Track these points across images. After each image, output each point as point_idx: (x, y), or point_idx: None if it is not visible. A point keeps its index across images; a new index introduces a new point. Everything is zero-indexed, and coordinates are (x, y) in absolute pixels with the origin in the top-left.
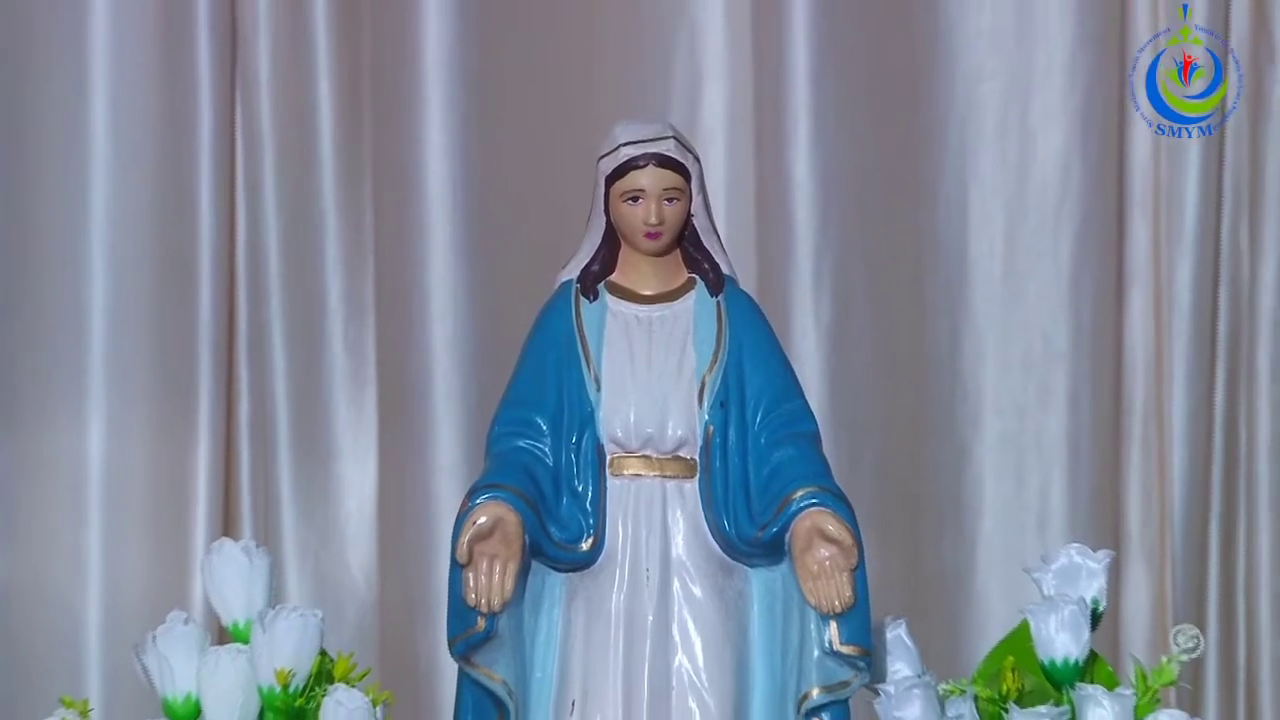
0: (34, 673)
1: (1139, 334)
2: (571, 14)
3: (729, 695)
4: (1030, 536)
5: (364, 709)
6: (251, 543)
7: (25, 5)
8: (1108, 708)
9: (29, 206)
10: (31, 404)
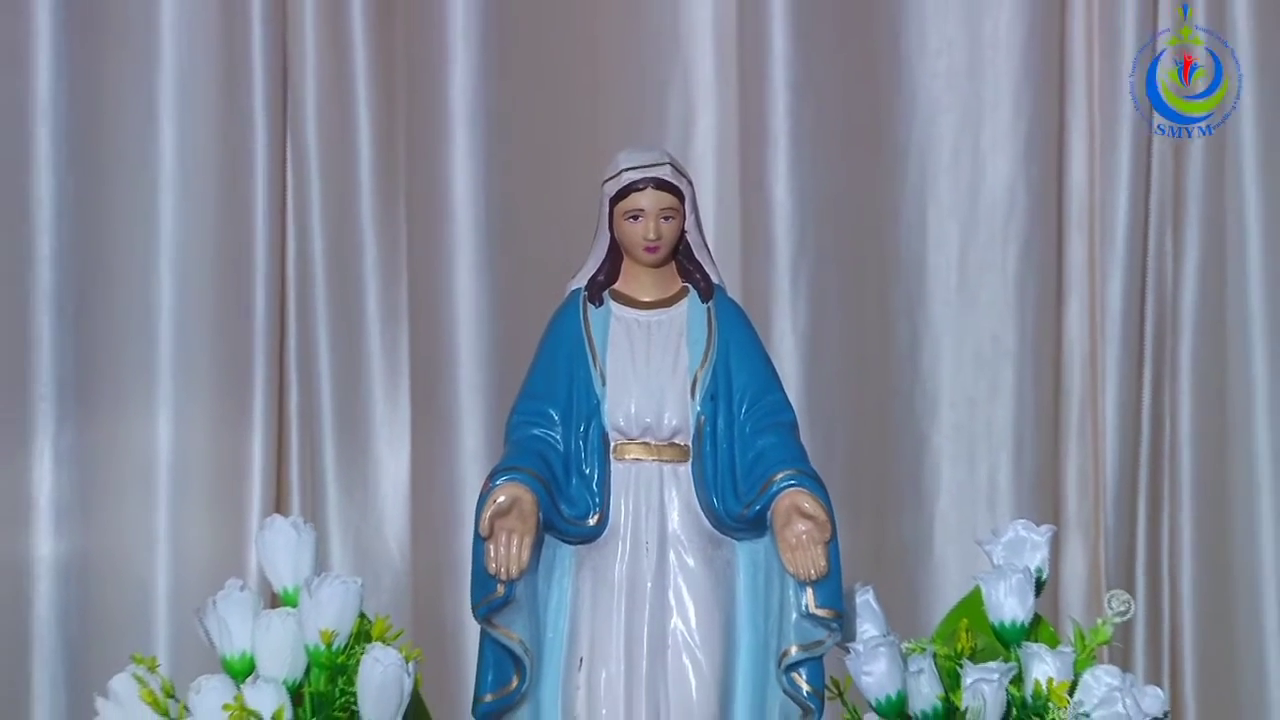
0: (109, 634)
1: (1076, 336)
2: (579, 56)
3: (718, 653)
4: (981, 514)
5: (398, 665)
6: (299, 519)
7: (102, 50)
8: (1050, 663)
9: (107, 225)
10: (107, 398)
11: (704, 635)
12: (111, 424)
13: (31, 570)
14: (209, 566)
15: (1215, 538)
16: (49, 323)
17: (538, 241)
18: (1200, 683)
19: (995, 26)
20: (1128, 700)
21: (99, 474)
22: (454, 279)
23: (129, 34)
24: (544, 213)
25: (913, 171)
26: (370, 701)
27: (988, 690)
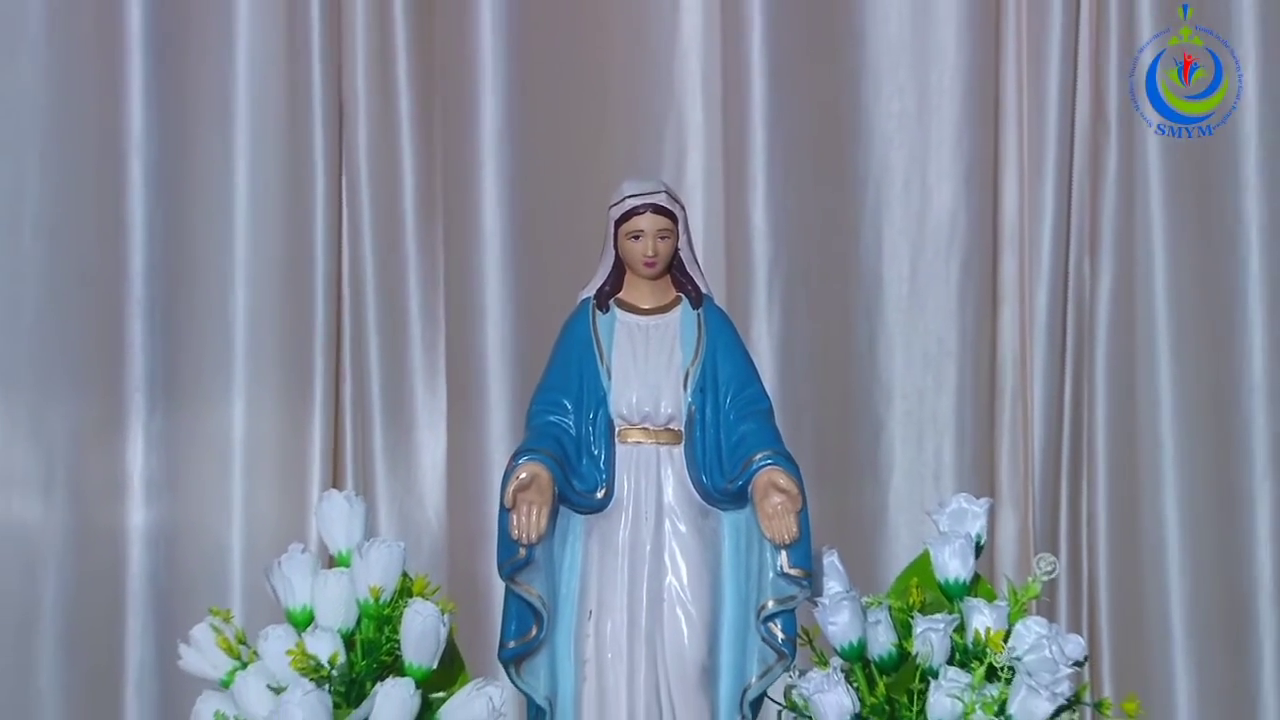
0: (191, 591)
1: (1008, 340)
2: (591, 104)
3: (706, 606)
4: (928, 488)
5: (435, 616)
6: (352, 493)
7: (186, 97)
8: (988, 615)
9: (189, 245)
10: (190, 390)
11: (694, 591)
12: (193, 412)
13: (126, 537)
14: (275, 533)
15: (1125, 509)
16: (140, 327)
17: (554, 257)
18: (1113, 630)
19: (940, 77)
20: (1053, 646)
21: (183, 455)
22: (484, 289)
23: (209, 83)
24: (559, 233)
25: (870, 199)
26: (412, 647)
27: (935, 638)
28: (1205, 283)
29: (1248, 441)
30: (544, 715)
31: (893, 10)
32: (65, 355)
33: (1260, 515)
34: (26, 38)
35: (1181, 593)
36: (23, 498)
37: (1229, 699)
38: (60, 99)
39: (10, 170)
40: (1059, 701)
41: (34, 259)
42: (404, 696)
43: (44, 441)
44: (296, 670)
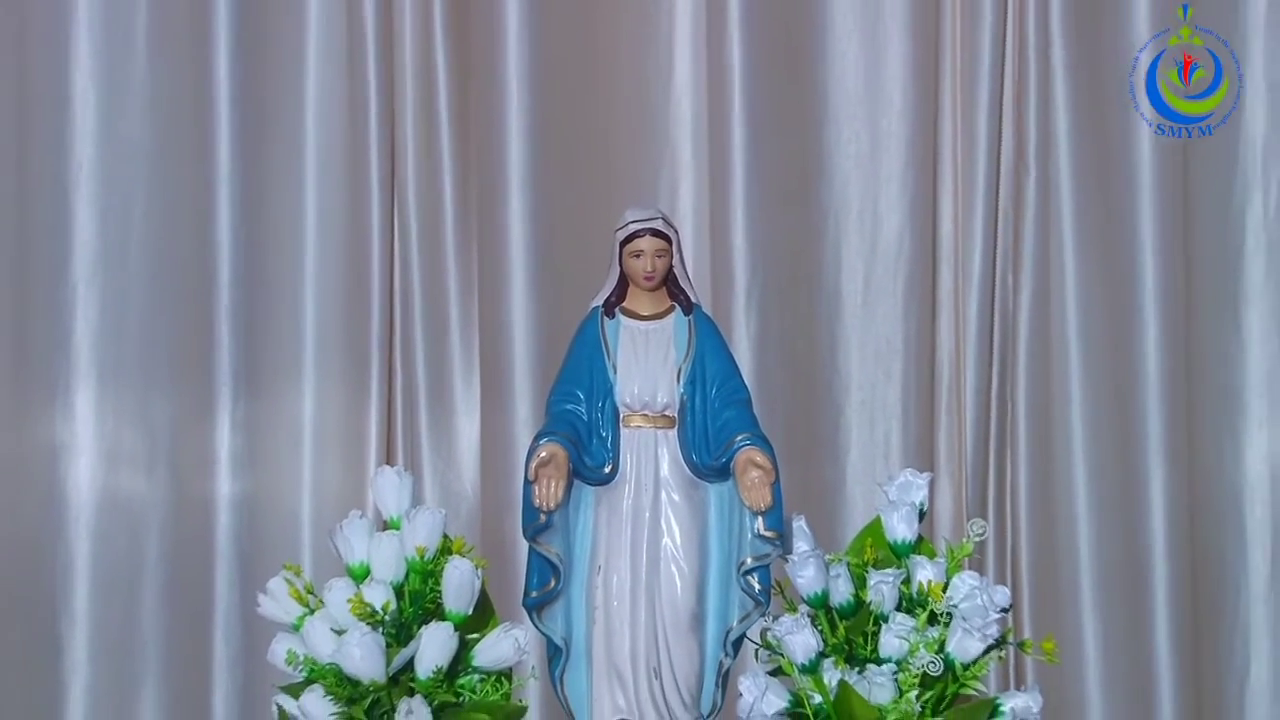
0: (268, 550)
1: (945, 341)
2: (598, 148)
3: (696, 563)
4: (879, 464)
5: (470, 571)
6: (401, 468)
7: (264, 140)
8: (929, 570)
9: (268, 262)
10: (267, 383)
11: (686, 550)
12: (270, 401)
13: (215, 506)
14: (338, 501)
15: (1042, 482)
16: (226, 330)
17: (569, 272)
18: (1032, 583)
19: (889, 125)
20: (984, 596)
21: (261, 436)
22: (511, 298)
23: (283, 128)
24: (574, 252)
25: (830, 226)
26: (451, 596)
27: (885, 589)
28: (1108, 295)
29: (1144, 427)
30: (560, 654)
31: (849, 69)
32: (165, 353)
33: (1154, 488)
34: (134, 93)
35: (1088, 551)
36: (130, 473)
37: (1127, 639)
38: (161, 143)
39: (120, 201)
40: (988, 641)
41: (139, 274)
42: (444, 638)
43: (147, 425)
44: (355, 616)
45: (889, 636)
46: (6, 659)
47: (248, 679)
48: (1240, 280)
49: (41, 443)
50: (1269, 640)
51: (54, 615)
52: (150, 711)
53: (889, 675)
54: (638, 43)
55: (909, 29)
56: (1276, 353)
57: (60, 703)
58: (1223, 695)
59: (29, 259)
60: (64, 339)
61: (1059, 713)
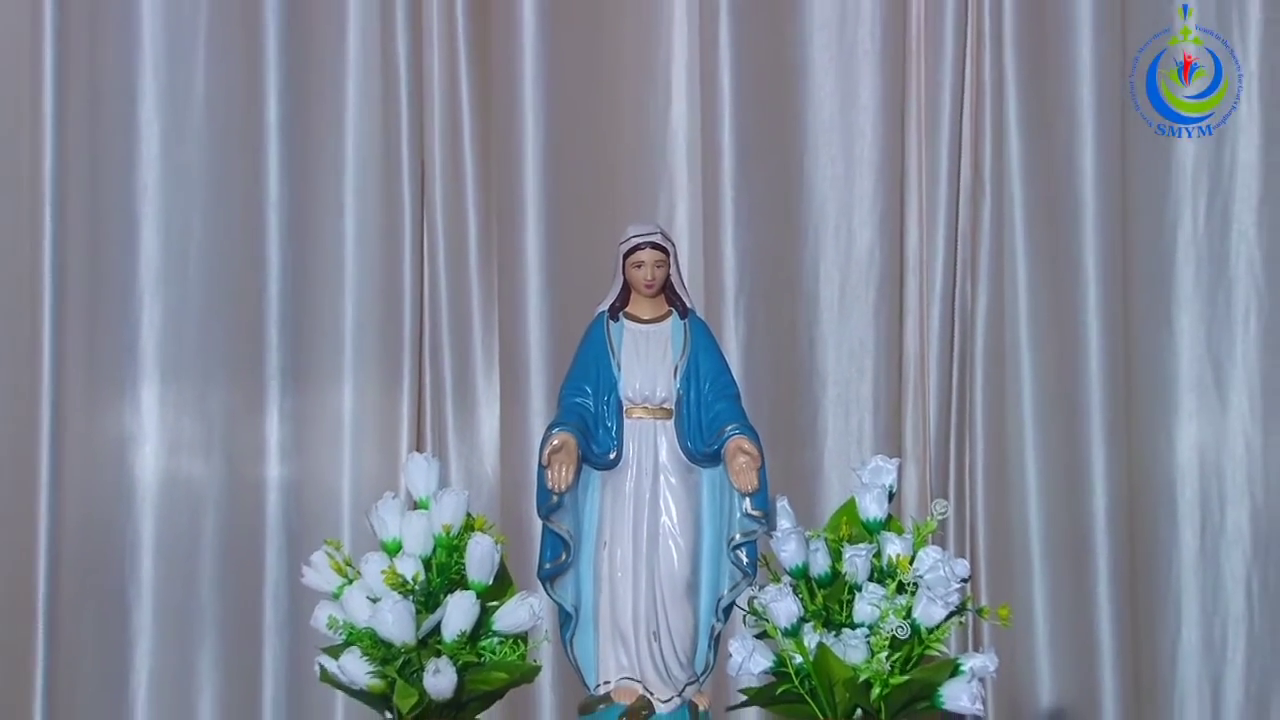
0: (312, 527)
1: (911, 342)
2: (605, 172)
3: (691, 538)
4: (853, 451)
5: (490, 545)
6: (430, 454)
7: (310, 161)
8: (898, 545)
9: (312, 271)
10: (312, 377)
11: (682, 527)
12: (314, 395)
13: (265, 487)
14: (374, 484)
15: (996, 466)
16: (275, 332)
17: (578, 281)
18: (989, 556)
19: (861, 151)
20: (946, 568)
21: (306, 426)
22: (526, 305)
23: (327, 158)
24: (583, 264)
25: (810, 240)
26: (474, 568)
27: (859, 562)
28: (1055, 302)
29: (1087, 418)
30: (570, 619)
31: (826, 104)
32: (220, 353)
33: (1096, 472)
34: (192, 125)
35: (1038, 528)
36: (189, 458)
37: (1072, 606)
38: (217, 169)
39: (180, 219)
40: (950, 608)
41: (197, 284)
42: (468, 605)
43: (205, 416)
44: (389, 586)
45: (862, 604)
46: (81, 623)
47: (294, 641)
48: (1172, 289)
49: (111, 433)
50: (1197, 606)
51: (122, 584)
52: (207, 668)
53: (862, 638)
54: (639, 79)
55: (879, 69)
56: (1204, 354)
57: (128, 661)
58: (1157, 655)
59: (100, 271)
60: (131, 341)
61: (1011, 671)
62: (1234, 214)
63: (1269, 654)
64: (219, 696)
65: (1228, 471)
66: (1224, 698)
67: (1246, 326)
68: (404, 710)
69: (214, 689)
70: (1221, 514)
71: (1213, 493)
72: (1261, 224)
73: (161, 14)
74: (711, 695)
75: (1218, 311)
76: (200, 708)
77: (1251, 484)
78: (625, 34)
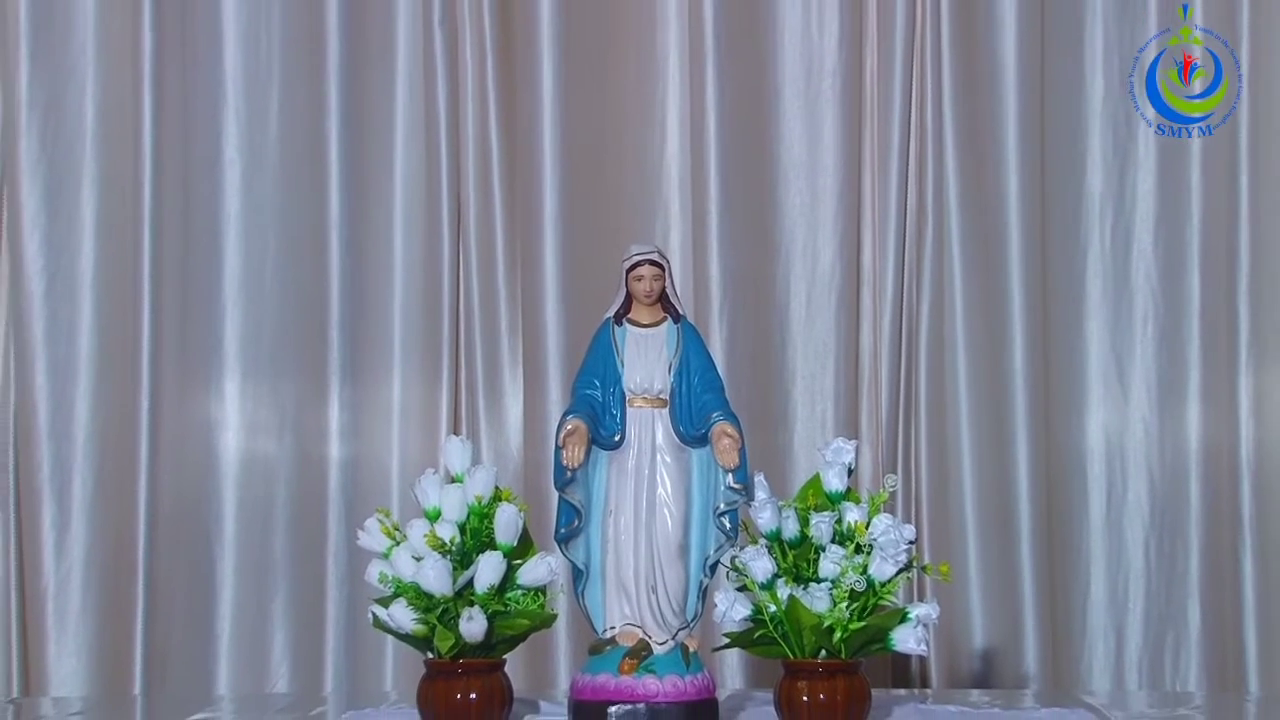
0: (367, 498)
1: (866, 343)
2: (610, 199)
3: (682, 507)
4: (818, 434)
5: (515, 513)
6: (465, 437)
7: (366, 186)
8: (856, 513)
9: (367, 278)
10: (366, 370)
11: (675, 498)
12: (368, 386)
13: (328, 464)
14: (418, 462)
15: (937, 448)
16: (336, 334)
17: (589, 291)
18: (930, 522)
19: (825, 183)
20: (896, 532)
21: (362, 412)
22: (545, 312)
23: (379, 190)
24: (592, 278)
25: (781, 259)
26: (501, 532)
27: (823, 527)
28: (986, 309)
29: (1013, 405)
30: (582, 575)
31: (796, 144)
32: (290, 351)
33: (1020, 451)
34: (268, 164)
35: (971, 498)
36: (264, 438)
37: (1000, 564)
38: (288, 199)
39: (258, 241)
40: (899, 566)
41: (271, 295)
42: (496, 563)
43: (278, 403)
44: (430, 547)
45: (826, 562)
46: (175, 577)
47: (351, 593)
48: (1083, 299)
49: (199, 419)
50: (1104, 564)
51: (208, 544)
52: (279, 615)
53: (826, 591)
54: (638, 125)
55: (839, 116)
56: (1109, 353)
57: (213, 609)
58: (1070, 604)
59: (190, 284)
60: (217, 343)
61: (950, 618)
62: (1134, 236)
63: (1163, 604)
64: (289, 639)
65: (1129, 451)
66: (1126, 640)
67: (1144, 330)
68: (443, 650)
69: (285, 632)
70: (1124, 487)
71: (1116, 469)
72: (1157, 245)
73: (241, 71)
74: (700, 638)
75: (1120, 317)
76: (273, 648)
77: (1149, 461)
78: (627, 89)
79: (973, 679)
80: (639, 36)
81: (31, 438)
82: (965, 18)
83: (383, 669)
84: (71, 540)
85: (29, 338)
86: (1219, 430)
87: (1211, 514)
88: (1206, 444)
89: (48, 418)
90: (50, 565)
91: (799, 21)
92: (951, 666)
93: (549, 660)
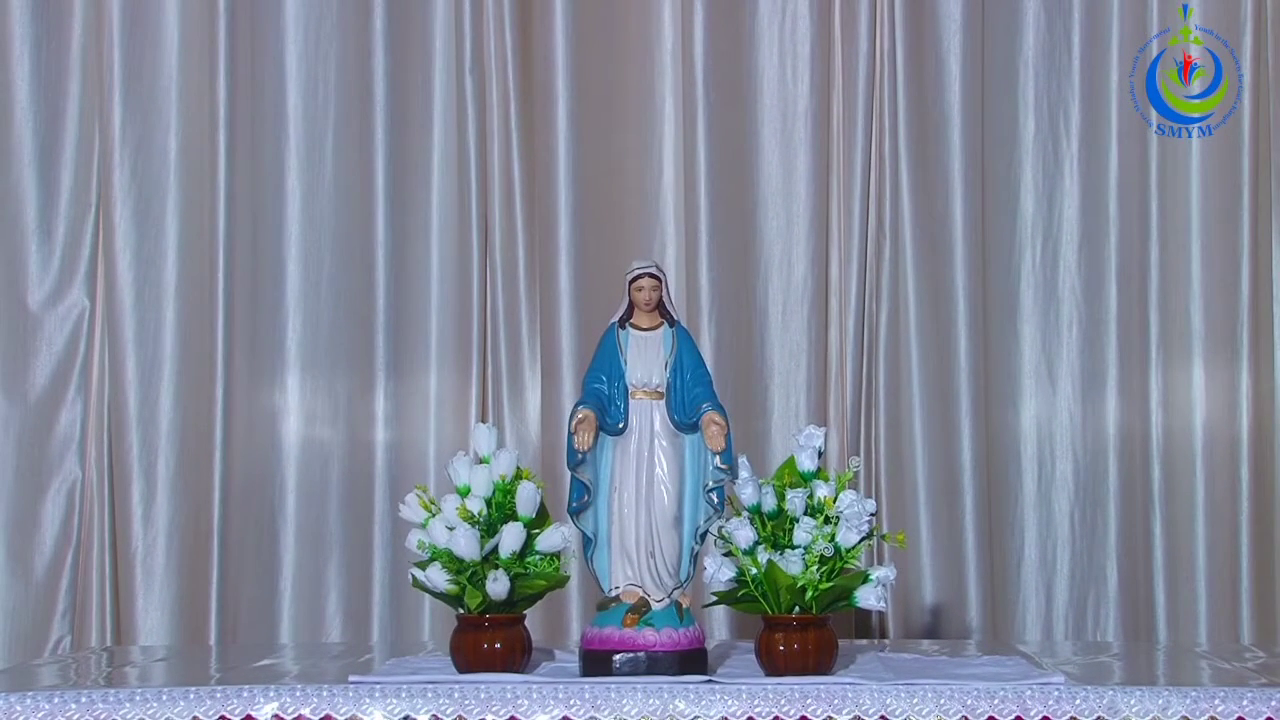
0: (408, 476)
1: (834, 344)
2: (614, 222)
3: (676, 484)
4: (793, 422)
5: (534, 489)
6: (491, 424)
7: (408, 198)
8: (825, 490)
9: (408, 286)
10: (407, 364)
11: (670, 477)
12: (409, 378)
13: (374, 448)
14: (451, 445)
15: (894, 433)
16: (382, 336)
17: (598, 300)
18: (888, 497)
19: (798, 207)
20: (859, 505)
21: (403, 401)
22: (560, 316)
23: (419, 211)
24: (600, 288)
25: (761, 271)
26: (522, 506)
27: (797, 501)
28: (936, 314)
29: (958, 397)
30: (591, 543)
31: (773, 174)
32: (343, 350)
33: (964, 436)
34: (324, 189)
35: (923, 477)
36: (321, 425)
37: (947, 533)
38: (341, 219)
39: (315, 255)
40: (862, 534)
41: (327, 301)
42: (517, 532)
43: (333, 394)
44: (461, 519)
45: (800, 531)
46: (243, 546)
47: (394, 557)
48: (1017, 307)
49: (265, 408)
50: (1035, 532)
51: (272, 516)
52: (333, 577)
53: (799, 556)
54: (640, 158)
55: (810, 150)
56: (1040, 353)
57: (277, 571)
58: (1006, 567)
59: (258, 294)
60: (280, 342)
61: (905, 579)
62: (1061, 254)
63: (1086, 567)
64: (341, 597)
65: (1057, 436)
66: (1054, 598)
67: (1070, 334)
68: (472, 607)
69: (338, 592)
70: (1053, 466)
71: (1046, 451)
72: (1080, 262)
73: (301, 113)
74: (691, 597)
75: (1049, 322)
76: (328, 604)
77: (1074, 445)
78: (630, 128)
79: (924, 631)
80: (640, 84)
81: (123, 425)
82: (917, 70)
83: (421, 622)
84: (156, 511)
85: (121, 340)
86: (1133, 418)
87: (1127, 489)
88: (1122, 430)
89: (136, 408)
90: (139, 533)
91: (776, 72)
92: (906, 620)
93: (563, 615)
